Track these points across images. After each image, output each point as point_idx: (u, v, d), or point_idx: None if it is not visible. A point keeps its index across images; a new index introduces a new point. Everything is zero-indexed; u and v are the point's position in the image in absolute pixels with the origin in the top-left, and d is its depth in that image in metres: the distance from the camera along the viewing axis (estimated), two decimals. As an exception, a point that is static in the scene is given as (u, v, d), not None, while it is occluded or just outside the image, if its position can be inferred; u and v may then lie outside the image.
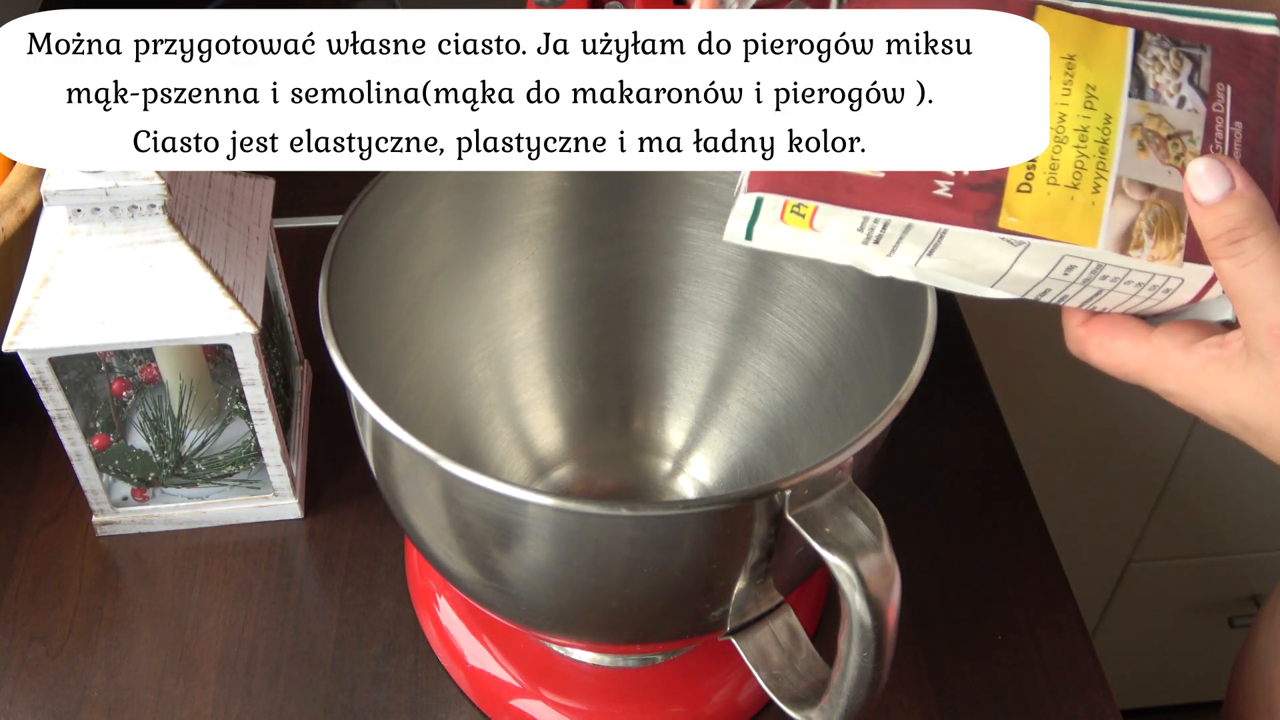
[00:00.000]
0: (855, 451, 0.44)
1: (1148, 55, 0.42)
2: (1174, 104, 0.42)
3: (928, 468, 0.70)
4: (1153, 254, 0.41)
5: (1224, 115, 0.42)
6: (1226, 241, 0.39)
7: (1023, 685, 0.61)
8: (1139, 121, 0.41)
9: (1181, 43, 0.43)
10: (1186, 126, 0.41)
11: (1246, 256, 0.39)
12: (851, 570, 0.42)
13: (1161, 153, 0.41)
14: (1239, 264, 0.39)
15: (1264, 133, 0.42)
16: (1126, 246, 0.41)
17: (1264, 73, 0.43)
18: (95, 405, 0.65)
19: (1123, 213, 0.41)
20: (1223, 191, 0.39)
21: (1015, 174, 0.42)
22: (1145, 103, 0.42)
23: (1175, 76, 0.42)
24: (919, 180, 0.42)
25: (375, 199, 0.54)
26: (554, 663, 0.59)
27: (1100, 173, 0.41)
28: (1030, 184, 0.41)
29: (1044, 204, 0.41)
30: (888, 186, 0.43)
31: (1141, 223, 0.41)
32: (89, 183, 0.53)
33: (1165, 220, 0.41)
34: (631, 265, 0.65)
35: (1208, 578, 1.34)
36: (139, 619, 0.62)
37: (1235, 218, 0.39)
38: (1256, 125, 0.42)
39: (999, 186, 0.42)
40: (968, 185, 0.42)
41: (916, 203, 0.42)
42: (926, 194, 0.42)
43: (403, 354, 0.58)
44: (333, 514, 0.67)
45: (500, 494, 0.43)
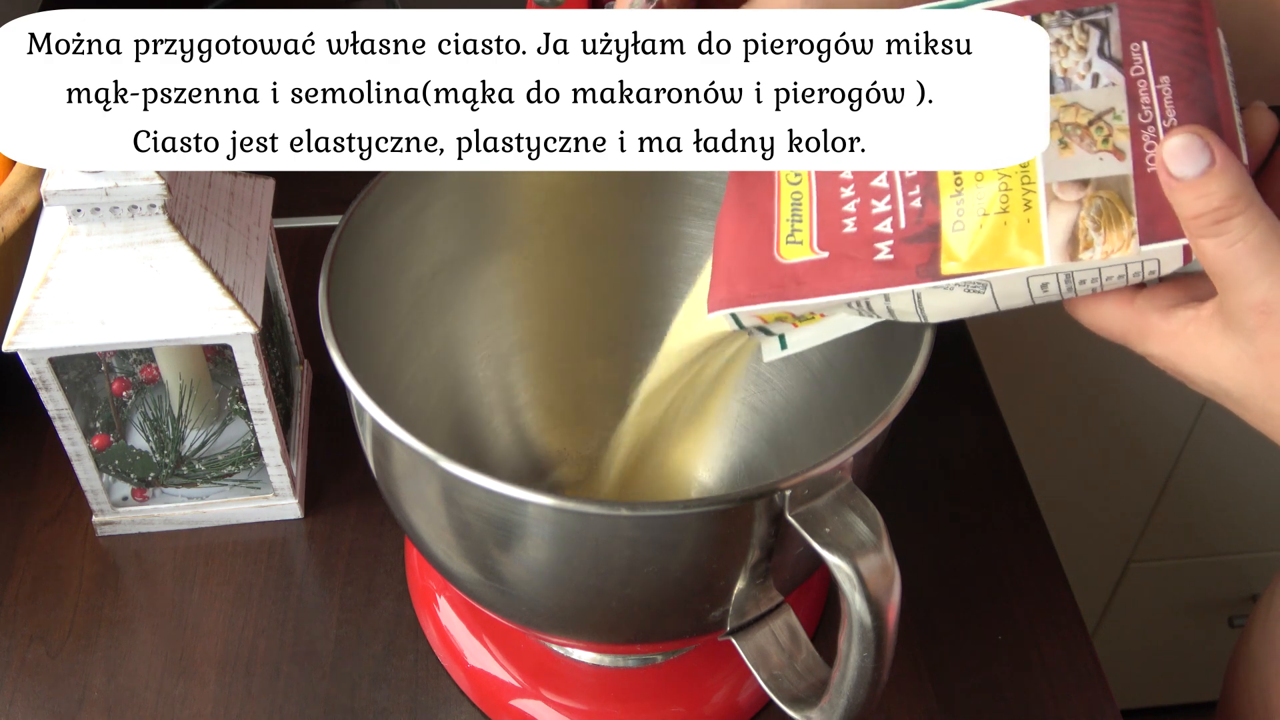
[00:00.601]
0: (855, 451, 0.44)
1: (1049, 40, 0.40)
2: (1088, 85, 0.39)
3: (928, 468, 0.70)
4: (1105, 249, 0.39)
5: (1145, 76, 0.39)
6: (1210, 221, 0.37)
7: (1023, 685, 0.61)
8: (1055, 118, 0.39)
9: (1084, 11, 0.40)
10: (1107, 104, 0.39)
11: (1233, 236, 0.37)
12: (851, 570, 0.42)
13: (1087, 142, 0.39)
14: (1224, 244, 0.37)
15: (1197, 75, 0.39)
16: (1076, 251, 0.39)
17: (1184, 9, 0.39)
18: (95, 405, 0.65)
19: (1062, 219, 0.39)
20: (1201, 168, 0.37)
21: (947, 215, 0.40)
22: (1057, 95, 0.39)
23: (1083, 54, 0.39)
24: (859, 249, 0.42)
25: (375, 199, 0.54)
26: (554, 663, 0.59)
27: (1027, 188, 0.39)
28: (962, 220, 0.40)
29: (980, 238, 0.40)
30: (830, 265, 0.42)
31: (1085, 222, 0.39)
32: (89, 183, 0.53)
33: (1110, 210, 0.39)
34: (631, 265, 0.65)
35: (1208, 578, 1.34)
36: (139, 619, 0.62)
37: (1218, 196, 0.37)
38: (1186, 71, 0.39)
39: (935, 232, 0.41)
40: (905, 240, 0.41)
41: (862, 274, 0.42)
42: (869, 261, 0.42)
43: (403, 354, 0.58)
44: (333, 514, 0.67)
45: (500, 494, 0.43)
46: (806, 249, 0.43)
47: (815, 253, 0.43)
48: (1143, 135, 0.39)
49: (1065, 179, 0.39)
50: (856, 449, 0.44)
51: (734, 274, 0.46)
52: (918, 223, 0.41)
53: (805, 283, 0.43)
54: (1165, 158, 0.38)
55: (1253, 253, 0.37)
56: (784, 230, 0.44)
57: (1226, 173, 0.37)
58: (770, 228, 0.45)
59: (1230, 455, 1.19)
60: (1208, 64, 0.39)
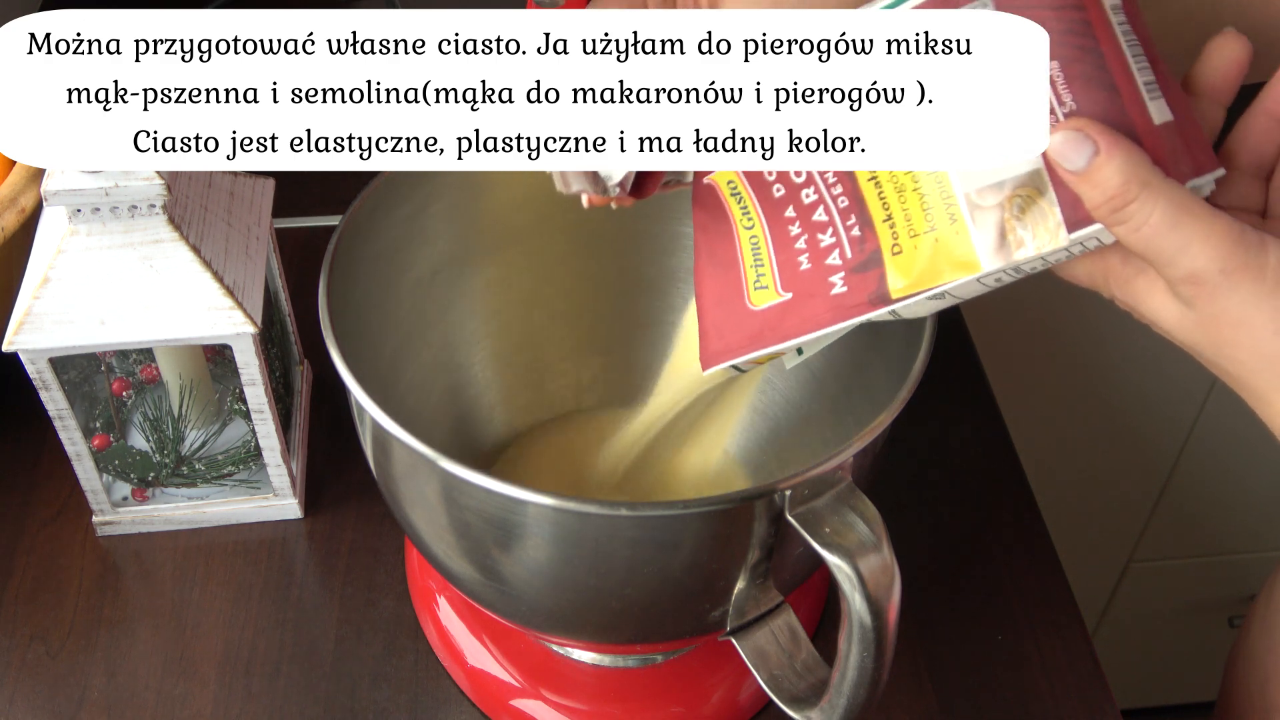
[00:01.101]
0: (855, 451, 0.44)
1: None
2: None
3: (928, 468, 0.70)
4: (1036, 245, 0.39)
5: None
6: (1110, 210, 0.37)
7: (1023, 685, 0.61)
8: None
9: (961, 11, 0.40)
10: None
11: (1136, 221, 0.37)
12: (851, 570, 0.42)
13: None
14: (1131, 229, 0.38)
15: (1086, 52, 0.39)
16: (1010, 251, 0.39)
17: None
18: (95, 405, 0.65)
19: (988, 223, 0.39)
20: (1087, 158, 0.37)
21: (885, 239, 0.42)
22: None
23: None
24: (817, 284, 0.43)
25: (375, 199, 0.54)
26: (554, 663, 0.59)
27: (947, 201, 0.40)
28: (898, 243, 0.41)
29: (917, 257, 0.41)
30: (796, 305, 0.44)
31: (1010, 222, 0.39)
32: (89, 183, 0.53)
33: (1031, 206, 0.39)
34: (631, 265, 0.65)
35: (1208, 578, 1.34)
36: (139, 619, 0.62)
37: (1111, 183, 0.37)
38: (1073, 51, 0.39)
39: (878, 257, 0.42)
40: (854, 269, 0.42)
41: (824, 310, 0.43)
42: (827, 296, 0.43)
43: (403, 354, 0.58)
44: (333, 514, 0.67)
45: (500, 494, 0.43)
46: (773, 292, 0.45)
47: (781, 295, 0.45)
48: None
49: (980, 186, 0.40)
50: (856, 449, 0.44)
51: (717, 330, 0.47)
52: (861, 250, 0.42)
53: (778, 327, 0.45)
54: (1052, 156, 0.38)
55: (1162, 232, 0.37)
56: (750, 277, 0.46)
57: (1113, 159, 0.37)
58: (737, 276, 0.46)
59: (1230, 455, 1.19)
60: (1095, 38, 0.39)
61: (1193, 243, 0.37)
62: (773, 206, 0.45)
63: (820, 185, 0.43)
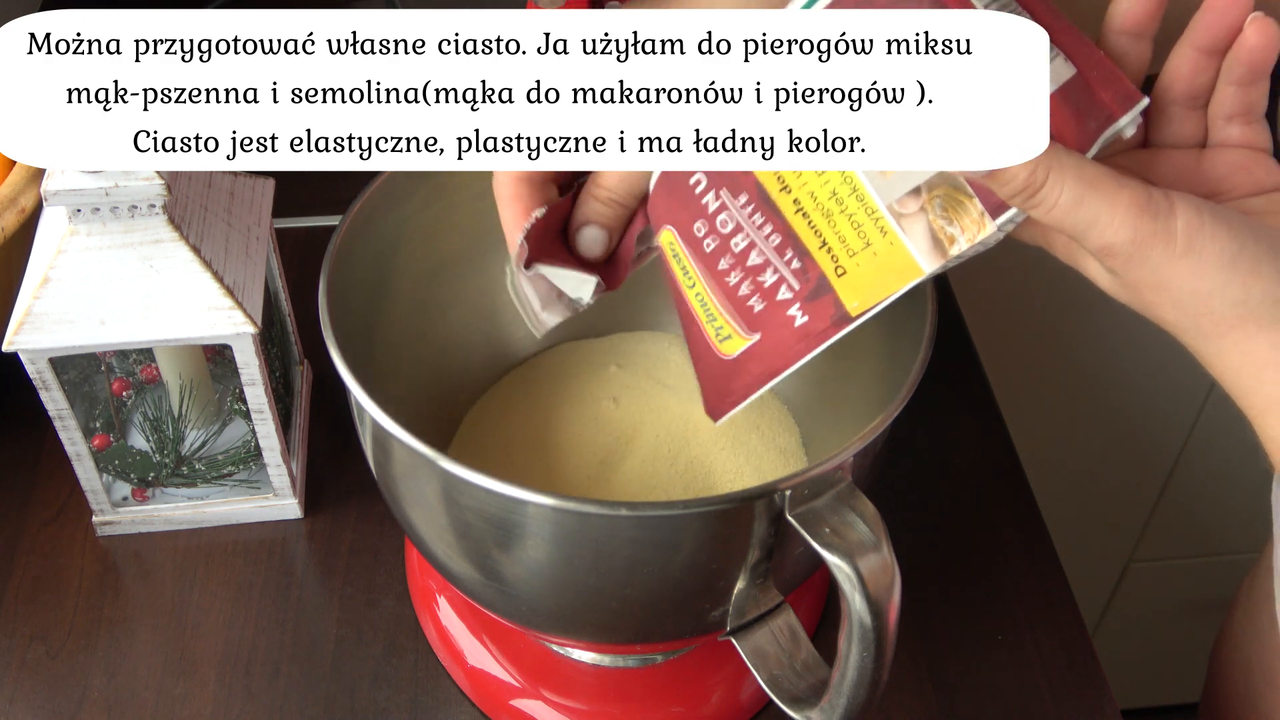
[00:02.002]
0: (855, 451, 0.44)
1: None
2: None
3: (928, 468, 0.70)
4: (967, 237, 0.40)
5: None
6: (1023, 200, 0.39)
7: (1023, 685, 0.61)
8: None
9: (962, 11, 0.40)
10: None
11: (1046, 204, 0.39)
12: (851, 570, 0.42)
13: None
14: (1044, 212, 0.39)
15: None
16: (945, 249, 0.41)
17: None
18: (95, 405, 0.65)
19: (917, 229, 0.41)
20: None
21: (826, 265, 0.43)
22: None
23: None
24: (780, 321, 0.44)
25: (375, 199, 0.54)
26: (554, 663, 0.59)
27: (874, 216, 0.41)
28: (840, 265, 0.42)
29: (861, 275, 0.42)
30: (767, 344, 0.44)
31: (937, 221, 0.40)
32: (89, 183, 0.53)
33: (952, 202, 0.40)
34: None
35: (1208, 578, 1.34)
36: (139, 619, 0.62)
37: (1019, 178, 0.38)
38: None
39: (825, 283, 0.43)
40: (806, 299, 0.43)
41: (795, 342, 0.44)
42: (793, 328, 0.44)
43: (403, 354, 0.58)
44: (333, 514, 0.67)
45: (500, 494, 0.43)
46: (741, 339, 0.46)
47: (749, 337, 0.45)
48: None
49: (899, 195, 0.41)
50: (856, 449, 0.44)
51: (712, 385, 0.48)
52: (806, 280, 0.43)
53: (762, 366, 0.45)
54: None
55: (1071, 210, 0.39)
56: (710, 332, 0.47)
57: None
58: (702, 333, 0.47)
59: (1230, 455, 1.19)
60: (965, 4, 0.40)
61: (1100, 217, 0.39)
62: (705, 261, 0.46)
63: (748, 228, 0.44)
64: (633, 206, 0.49)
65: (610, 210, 0.48)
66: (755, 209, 0.44)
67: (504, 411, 0.63)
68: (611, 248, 0.49)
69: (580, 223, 0.49)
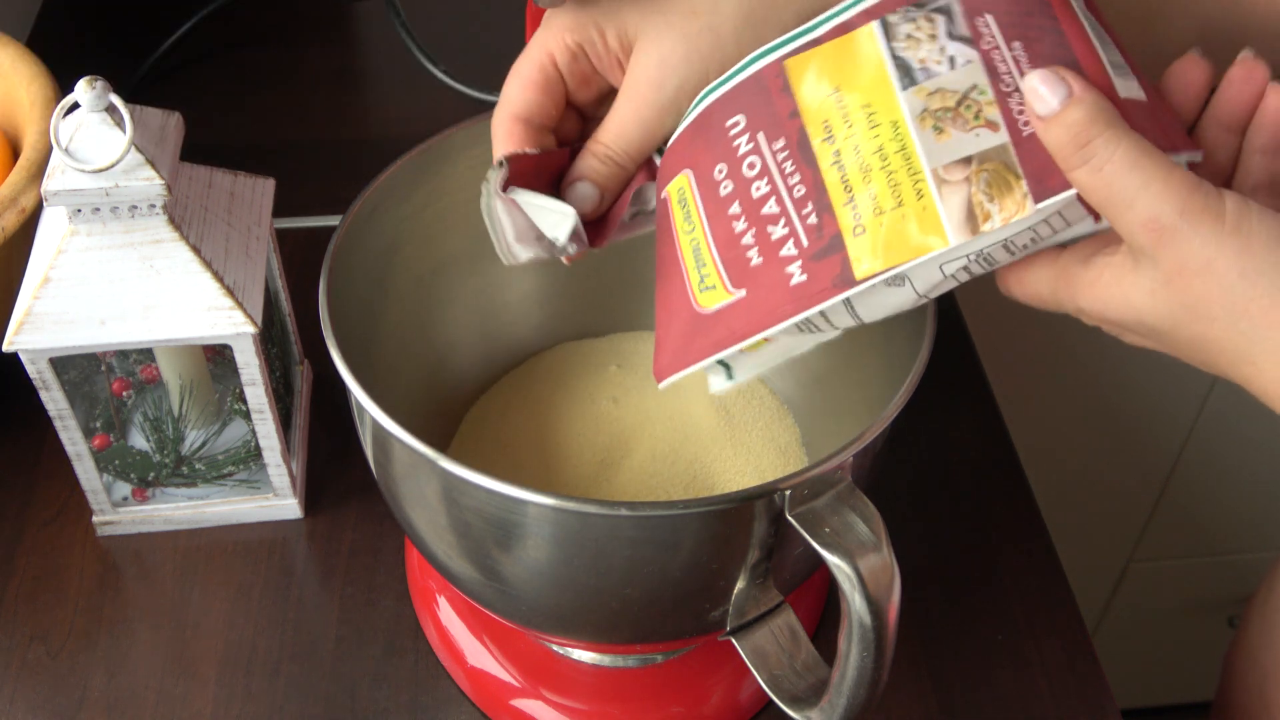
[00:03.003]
0: (855, 451, 0.44)
1: (900, 38, 0.41)
2: (946, 69, 0.40)
3: (928, 468, 0.70)
4: (1003, 216, 0.39)
5: (998, 46, 0.40)
6: (1074, 149, 0.38)
7: (1023, 685, 0.61)
8: (924, 107, 0.40)
9: (926, 3, 0.41)
10: (969, 82, 0.40)
11: (1099, 159, 0.38)
12: (851, 570, 0.42)
13: (960, 122, 0.40)
14: (1093, 169, 0.38)
15: (1047, 30, 0.40)
16: (977, 225, 0.40)
17: None
18: (95, 405, 0.65)
19: (955, 199, 0.40)
20: (1061, 99, 0.38)
21: (846, 222, 0.41)
22: (920, 85, 0.40)
23: (934, 41, 0.41)
24: (774, 279, 0.43)
25: (375, 199, 0.54)
26: (554, 663, 0.59)
27: (915, 178, 0.40)
28: (862, 224, 0.41)
29: (882, 236, 0.41)
30: (751, 301, 0.43)
31: (977, 195, 0.40)
32: (89, 183, 0.53)
33: (998, 179, 0.40)
34: (631, 265, 0.65)
35: (1208, 578, 1.34)
36: (139, 619, 0.62)
37: (1077, 121, 0.38)
38: (1035, 31, 0.40)
39: (839, 241, 0.41)
40: (812, 257, 0.42)
41: (783, 301, 0.42)
42: (786, 288, 0.42)
43: (403, 354, 0.58)
44: (333, 514, 0.67)
45: (500, 494, 0.43)
46: (723, 292, 0.44)
47: (733, 293, 0.44)
48: (1010, 103, 0.40)
49: (947, 161, 0.40)
50: (856, 449, 0.44)
51: (668, 339, 0.46)
52: (819, 237, 0.42)
53: (735, 327, 0.44)
54: (1029, 99, 0.39)
55: (1123, 172, 0.38)
56: (694, 279, 0.45)
57: (1083, 100, 0.38)
58: (682, 282, 0.46)
59: (1230, 455, 1.19)
60: (1055, 18, 0.40)
61: (1152, 183, 0.38)
62: (715, 205, 0.44)
63: (775, 175, 0.43)
64: (630, 170, 0.48)
65: (607, 169, 0.47)
66: (789, 156, 0.43)
67: (504, 411, 0.63)
68: (602, 209, 0.48)
69: (575, 177, 0.48)
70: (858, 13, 0.42)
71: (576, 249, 0.47)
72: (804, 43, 0.42)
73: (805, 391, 0.62)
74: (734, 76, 0.44)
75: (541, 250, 0.47)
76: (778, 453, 0.60)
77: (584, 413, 0.62)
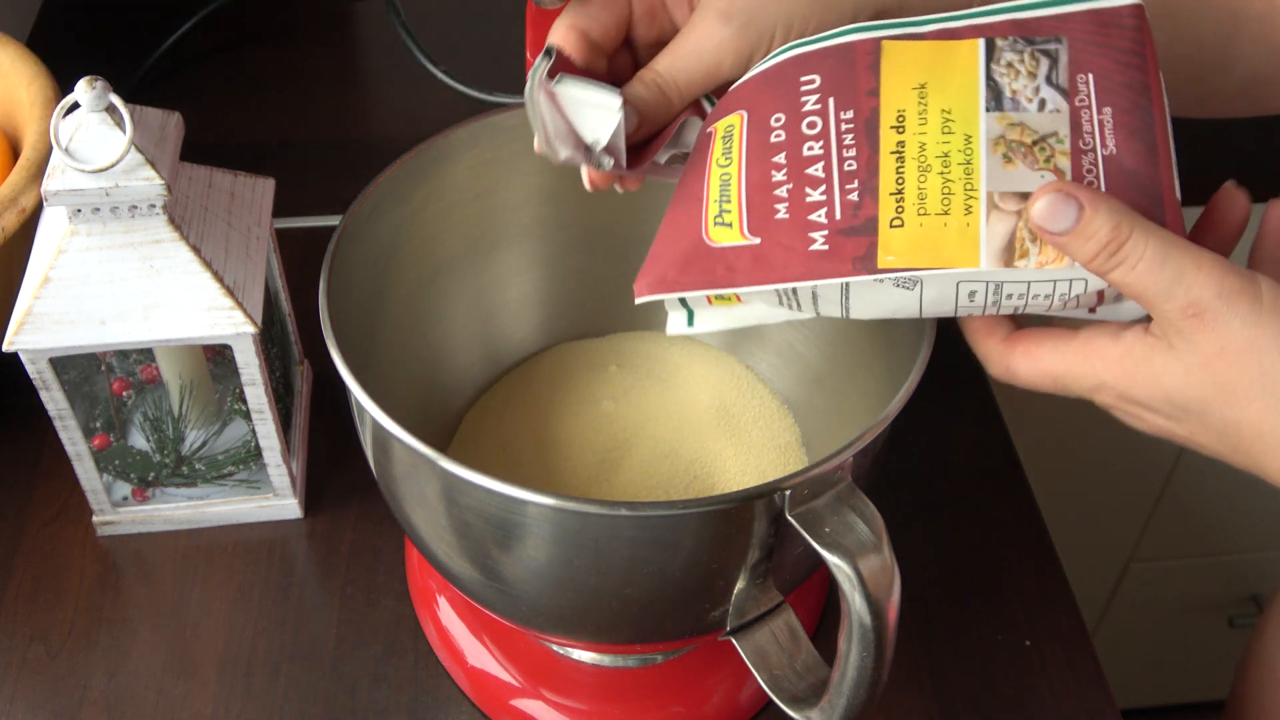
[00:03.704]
0: (855, 451, 0.44)
1: (1001, 63, 0.41)
2: (1034, 108, 0.41)
3: (928, 468, 0.70)
4: (1040, 259, 0.40)
5: (1089, 106, 0.41)
6: (1106, 256, 0.38)
7: (1023, 685, 0.61)
8: (1000, 134, 0.41)
9: (1036, 40, 0.42)
10: (1051, 128, 0.41)
11: (1132, 259, 0.38)
12: (851, 570, 0.42)
13: (1030, 159, 0.40)
14: (1128, 269, 0.38)
15: (1139, 109, 0.41)
16: (1012, 258, 0.40)
17: (1129, 46, 0.41)
18: (95, 405, 0.65)
19: (1000, 227, 0.40)
20: (1073, 218, 0.38)
21: (885, 209, 0.41)
22: (1005, 113, 0.41)
23: (1032, 79, 0.41)
24: (794, 239, 0.42)
25: (375, 199, 0.54)
26: (554, 663, 0.59)
27: (969, 194, 0.40)
28: (902, 218, 0.41)
29: (918, 235, 0.41)
30: (763, 252, 0.42)
31: (1022, 231, 0.40)
32: (89, 183, 0.53)
33: None
34: (632, 265, 0.64)
35: (1208, 578, 1.34)
36: (139, 619, 0.62)
37: (1102, 232, 0.38)
38: (1128, 103, 0.41)
39: (872, 225, 0.41)
40: (841, 231, 0.41)
41: (795, 263, 0.42)
42: (803, 252, 0.42)
43: (403, 354, 0.58)
44: (333, 514, 0.67)
45: (500, 494, 0.43)
46: (736, 233, 0.43)
47: (746, 238, 0.43)
48: (1082, 160, 0.40)
49: (1006, 190, 0.40)
50: (856, 449, 0.44)
51: (663, 260, 0.46)
52: (854, 216, 0.41)
53: (736, 270, 0.43)
54: (1038, 221, 0.39)
55: (1157, 266, 0.38)
56: (712, 211, 0.44)
57: (1099, 211, 0.38)
58: (699, 210, 0.45)
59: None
60: (1149, 99, 0.41)
61: (1185, 271, 0.38)
62: (762, 150, 0.44)
63: (833, 142, 0.43)
64: (675, 105, 0.47)
65: (652, 96, 0.46)
66: (853, 130, 0.42)
67: (504, 411, 0.63)
68: (638, 138, 0.47)
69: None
70: (966, 25, 0.42)
71: (611, 164, 0.46)
72: (905, 33, 0.43)
73: (805, 391, 0.62)
74: (823, 40, 0.44)
75: (579, 155, 0.46)
76: (778, 453, 0.60)
77: (584, 413, 0.62)
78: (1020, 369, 0.43)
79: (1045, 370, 0.43)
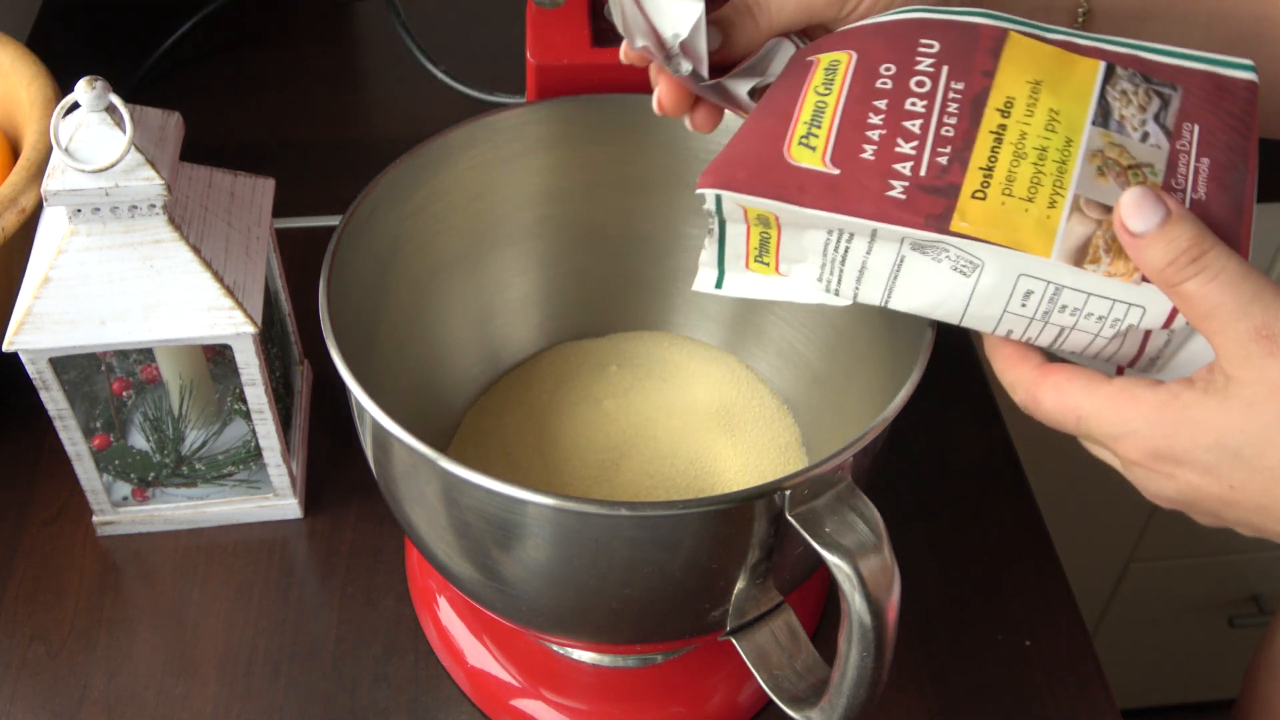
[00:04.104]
0: (855, 451, 0.44)
1: (1116, 88, 0.43)
2: (1137, 137, 0.42)
3: (928, 468, 0.70)
4: (1109, 270, 0.40)
5: (1188, 152, 0.42)
6: (1187, 261, 0.38)
7: (1023, 685, 0.61)
8: (1100, 148, 0.42)
9: (1153, 80, 0.43)
10: (1148, 159, 0.41)
11: (1214, 269, 0.38)
12: (851, 570, 0.42)
13: (1121, 180, 0.41)
14: (1208, 278, 0.38)
15: (1234, 168, 0.42)
16: (1083, 260, 0.40)
17: (1238, 113, 0.43)
18: (95, 405, 0.65)
19: (1079, 229, 0.40)
20: (1159, 219, 0.38)
21: (971, 180, 0.42)
22: (1108, 132, 0.42)
23: (1142, 112, 0.43)
24: (872, 178, 0.42)
25: (375, 199, 0.54)
26: (554, 663, 0.59)
27: (1057, 189, 0.41)
28: (985, 191, 0.41)
29: (998, 211, 0.41)
30: (839, 183, 0.42)
31: (1099, 239, 0.40)
32: (89, 183, 0.53)
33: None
34: (632, 265, 0.65)
35: (1208, 578, 1.34)
36: (139, 619, 0.62)
37: (1185, 236, 0.38)
38: (1226, 161, 0.42)
39: (954, 190, 0.41)
40: (922, 187, 0.42)
41: (868, 203, 0.42)
42: (880, 195, 0.42)
43: (403, 354, 0.58)
44: (333, 514, 0.67)
45: (500, 494, 0.43)
46: (818, 158, 0.44)
47: (826, 166, 0.43)
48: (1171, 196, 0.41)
49: (1093, 199, 0.41)
50: (856, 449, 0.44)
51: (736, 160, 0.45)
52: (939, 177, 0.42)
53: (808, 191, 0.43)
54: (1123, 215, 0.39)
55: (1236, 282, 0.38)
56: (799, 131, 0.44)
57: (1185, 219, 0.39)
58: (786, 126, 0.45)
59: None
60: (1245, 166, 0.42)
61: (1264, 292, 0.38)
62: (866, 92, 0.44)
63: (937, 105, 0.43)
64: (763, 30, 0.46)
65: (741, 19, 0.46)
66: (959, 101, 0.43)
67: (504, 411, 0.63)
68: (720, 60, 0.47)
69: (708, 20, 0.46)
70: (1091, 45, 0.44)
71: (689, 70, 0.46)
72: (1033, 33, 0.44)
73: (805, 391, 0.62)
74: (952, 13, 0.45)
75: (654, 48, 0.45)
76: (778, 453, 0.60)
77: (584, 413, 0.62)
78: (1047, 401, 0.43)
79: (1072, 406, 0.42)
